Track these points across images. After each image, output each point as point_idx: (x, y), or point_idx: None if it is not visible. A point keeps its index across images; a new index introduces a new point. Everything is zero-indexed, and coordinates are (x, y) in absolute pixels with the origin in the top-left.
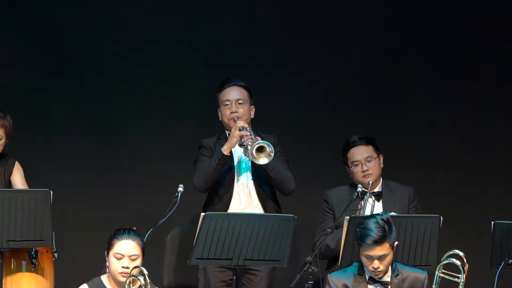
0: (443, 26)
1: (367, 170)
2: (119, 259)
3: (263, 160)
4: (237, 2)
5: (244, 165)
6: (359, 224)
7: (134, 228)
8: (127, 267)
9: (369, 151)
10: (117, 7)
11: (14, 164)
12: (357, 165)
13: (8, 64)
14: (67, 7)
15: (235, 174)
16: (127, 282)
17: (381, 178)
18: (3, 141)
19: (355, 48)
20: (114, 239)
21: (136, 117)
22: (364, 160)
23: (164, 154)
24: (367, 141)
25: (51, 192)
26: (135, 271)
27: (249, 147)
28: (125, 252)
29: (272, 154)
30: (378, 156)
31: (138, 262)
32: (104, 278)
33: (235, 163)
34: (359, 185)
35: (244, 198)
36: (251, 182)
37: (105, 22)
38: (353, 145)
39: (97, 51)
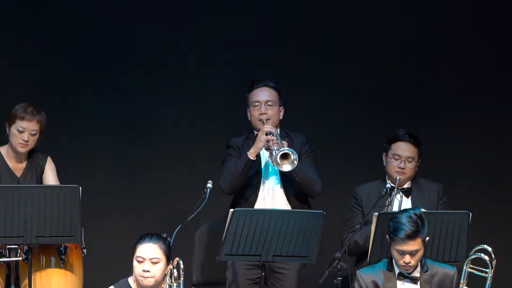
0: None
1: (404, 169)
2: (140, 262)
3: (286, 167)
4: (267, 2)
5: (270, 169)
6: (392, 218)
7: (164, 235)
8: (148, 271)
9: (413, 153)
10: (148, 7)
11: (46, 160)
12: (397, 159)
13: (39, 63)
14: (99, 7)
15: (262, 177)
16: (168, 274)
17: None
18: (37, 136)
19: (386, 48)
20: (137, 244)
21: (165, 116)
22: (405, 159)
23: (193, 151)
24: (416, 142)
25: (80, 188)
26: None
27: (274, 153)
28: (146, 256)
29: (296, 162)
30: (418, 160)
31: (160, 266)
32: (131, 280)
33: (262, 166)
34: (388, 181)
35: (269, 200)
36: (278, 186)
37: (136, 22)
38: (402, 139)
39: (127, 50)
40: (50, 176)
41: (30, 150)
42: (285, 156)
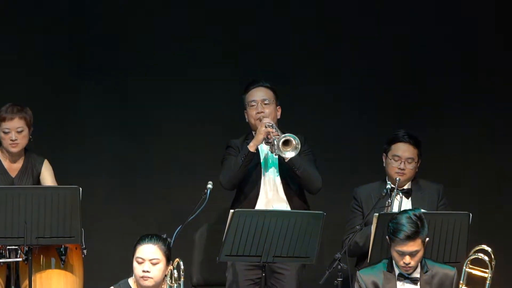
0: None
1: (404, 169)
2: (140, 263)
3: (289, 154)
4: (267, 3)
5: (270, 162)
6: (392, 219)
7: (164, 235)
8: (148, 271)
9: (413, 153)
10: (148, 7)
11: (43, 162)
12: (397, 160)
13: (39, 63)
14: (99, 7)
15: (262, 171)
16: (168, 275)
17: None
18: (25, 132)
19: (386, 48)
20: (137, 244)
21: (165, 116)
22: (405, 160)
23: (193, 151)
24: (416, 143)
25: (80, 189)
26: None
27: (275, 142)
28: (146, 256)
29: (299, 147)
30: (418, 160)
31: (160, 266)
32: (131, 281)
33: (262, 160)
34: (389, 182)
35: (270, 194)
36: (278, 179)
37: (136, 22)
38: (402, 140)
39: (127, 50)
40: (47, 178)
41: (26, 152)
42: (287, 143)
